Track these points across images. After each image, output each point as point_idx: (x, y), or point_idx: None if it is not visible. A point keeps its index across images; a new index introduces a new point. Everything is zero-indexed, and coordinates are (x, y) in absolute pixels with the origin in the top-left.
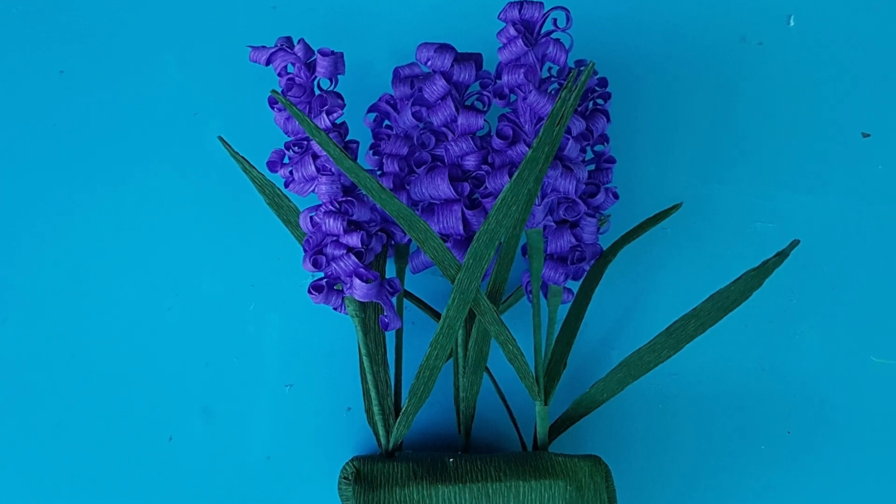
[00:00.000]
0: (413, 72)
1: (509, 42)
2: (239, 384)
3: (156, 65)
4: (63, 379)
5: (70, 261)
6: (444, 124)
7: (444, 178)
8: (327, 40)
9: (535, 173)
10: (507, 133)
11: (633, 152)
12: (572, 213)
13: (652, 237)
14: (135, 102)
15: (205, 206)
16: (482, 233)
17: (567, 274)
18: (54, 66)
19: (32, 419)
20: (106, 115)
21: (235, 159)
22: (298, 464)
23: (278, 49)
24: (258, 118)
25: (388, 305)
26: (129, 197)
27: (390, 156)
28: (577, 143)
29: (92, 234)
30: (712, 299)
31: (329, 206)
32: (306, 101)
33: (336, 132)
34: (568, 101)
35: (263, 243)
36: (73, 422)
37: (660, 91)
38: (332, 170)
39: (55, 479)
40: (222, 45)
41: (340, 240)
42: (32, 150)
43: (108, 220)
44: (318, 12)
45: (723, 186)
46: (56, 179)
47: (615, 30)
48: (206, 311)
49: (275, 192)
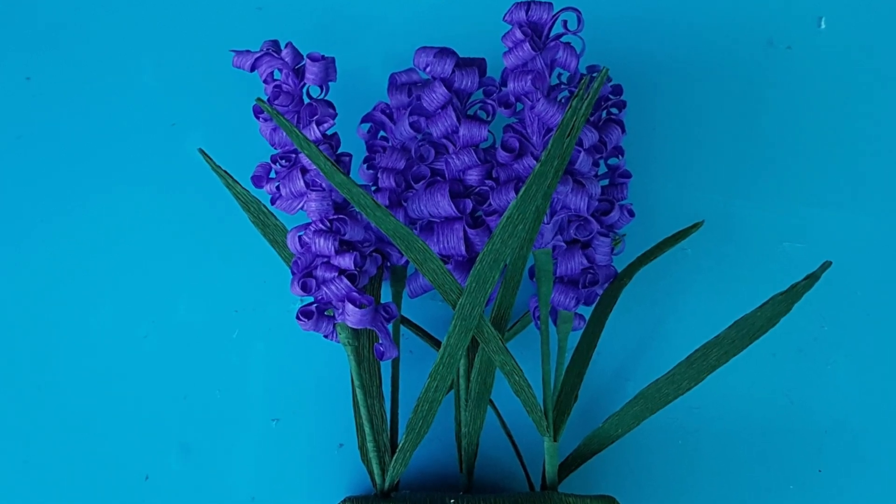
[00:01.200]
0: (411, 78)
1: (515, 46)
2: (221, 418)
3: (130, 70)
4: (28, 412)
5: (35, 284)
6: (445, 135)
7: (444, 194)
8: (317, 44)
9: (543, 189)
10: (513, 145)
11: (650, 166)
12: (584, 233)
13: (671, 258)
14: (107, 112)
15: (184, 224)
16: (486, 254)
17: (578, 298)
18: (20, 71)
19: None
20: (75, 126)
21: (217, 174)
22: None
23: (264, 54)
24: (242, 129)
25: (383, 333)
26: (101, 214)
27: (386, 170)
28: (590, 156)
29: (60, 254)
30: (736, 326)
31: (319, 224)
32: (294, 111)
33: (327, 144)
34: (579, 111)
35: (248, 265)
36: (39, 459)
37: (679, 99)
38: (322, 185)
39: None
40: (203, 50)
41: (332, 261)
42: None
43: (78, 240)
44: (307, 14)
45: (748, 203)
46: (19, 196)
47: (630, 33)
48: (184, 339)
49: (260, 209)
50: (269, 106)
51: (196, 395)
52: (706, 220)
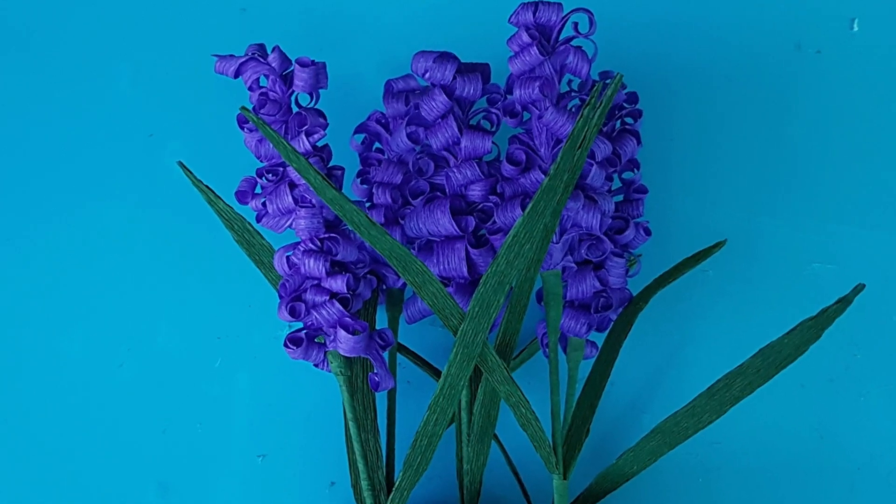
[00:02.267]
0: (408, 85)
1: (522, 50)
2: (202, 455)
3: (104, 76)
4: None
5: (3, 308)
6: (446, 147)
7: (444, 210)
8: (307, 48)
9: (552, 205)
10: (520, 158)
11: (668, 180)
12: (596, 253)
13: (690, 281)
14: (78, 121)
15: (162, 243)
16: (490, 276)
17: (590, 324)
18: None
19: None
20: (44, 137)
21: (198, 189)
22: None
23: (249, 59)
24: (225, 140)
25: (378, 361)
26: (72, 232)
27: (381, 185)
28: (603, 170)
29: (27, 276)
30: (762, 354)
31: (309, 243)
32: (282, 120)
33: (317, 157)
34: (591, 120)
35: (231, 288)
36: (9, 497)
37: (700, 108)
38: (312, 201)
39: None
40: (183, 54)
41: (322, 284)
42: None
43: (47, 260)
44: (295, 15)
45: (774, 220)
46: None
47: (647, 36)
48: (163, 369)
49: (245, 227)
50: (254, 115)
51: (175, 430)
52: (729, 239)
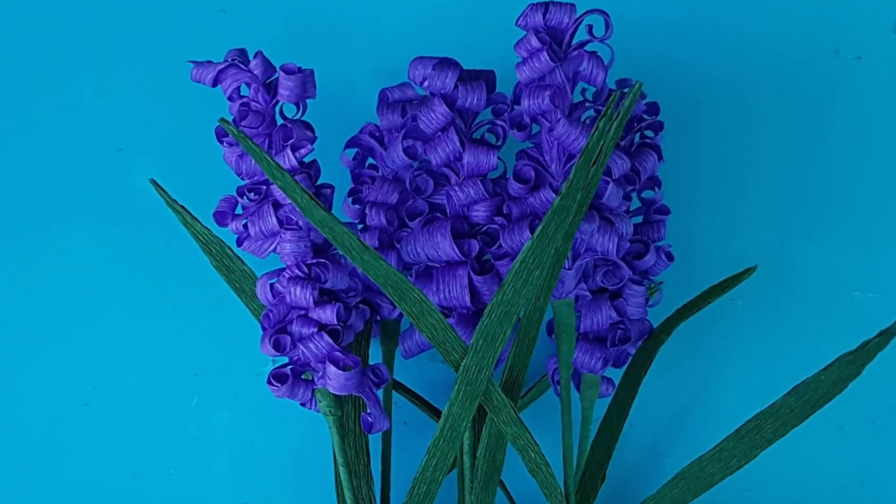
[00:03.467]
0: (405, 95)
1: (531, 56)
2: (178, 503)
3: (66, 85)
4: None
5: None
6: (446, 163)
7: (445, 233)
8: (293, 54)
9: (564, 227)
10: (528, 175)
11: (692, 200)
12: (613, 280)
13: (717, 311)
14: (41, 136)
15: (132, 269)
16: (495, 305)
17: (606, 359)
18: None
19: None
20: (6, 152)
21: (173, 209)
22: None
23: (228, 65)
24: (202, 156)
25: (372, 400)
26: (34, 256)
27: (375, 205)
28: (620, 188)
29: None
30: (796, 392)
31: (295, 270)
32: (265, 133)
33: (304, 173)
34: (608, 134)
35: (209, 319)
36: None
37: (728, 120)
38: (298, 223)
39: None
40: (155, 61)
41: (310, 314)
42: None
43: (6, 287)
44: (280, 17)
45: (810, 244)
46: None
47: (669, 40)
48: (133, 408)
49: (224, 251)
50: (234, 128)
51: (147, 476)
52: (760, 265)
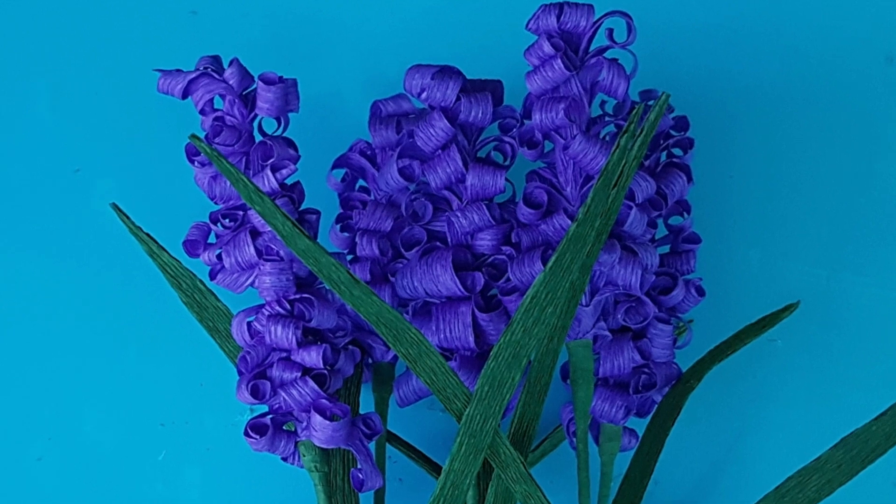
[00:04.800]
0: (400, 108)
1: (544, 63)
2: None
3: (18, 97)
4: None
5: None
6: (447, 185)
7: (446, 265)
8: (273, 61)
9: (580, 258)
10: (540, 199)
11: (726, 227)
12: (636, 318)
13: (754, 353)
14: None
15: (91, 305)
16: (503, 347)
17: (628, 408)
18: None
19: None
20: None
21: (137, 238)
22: None
23: (200, 74)
24: (170, 177)
25: (362, 454)
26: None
27: (367, 232)
28: (644, 214)
29: None
30: (844, 445)
31: (276, 306)
32: (242, 152)
33: (286, 197)
34: (630, 152)
35: (178, 362)
36: None
37: (767, 137)
38: (279, 253)
39: None
40: (116, 69)
41: (293, 357)
42: None
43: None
44: (258, 19)
45: (859, 278)
46: None
47: (701, 46)
48: (92, 463)
49: (195, 285)
50: (206, 145)
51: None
52: (802, 301)
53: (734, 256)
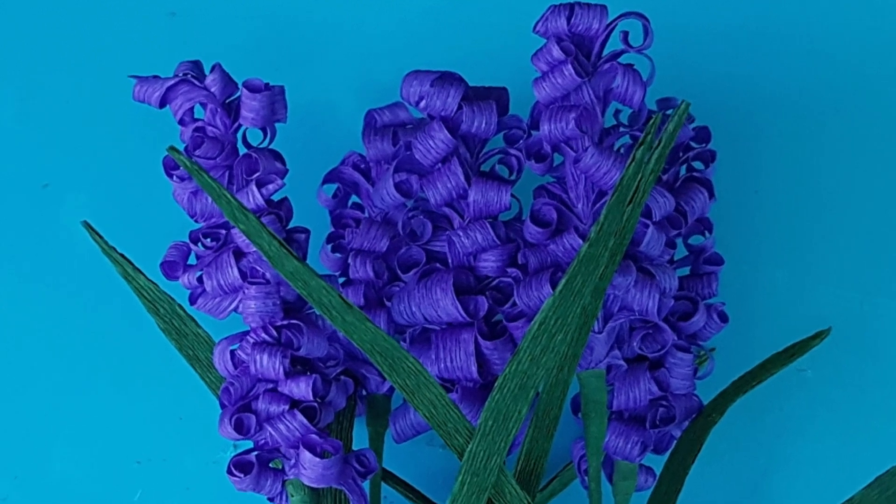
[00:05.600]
0: (397, 118)
1: (553, 69)
2: None
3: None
4: None
5: None
6: (448, 202)
7: (446, 288)
8: (258, 67)
9: (593, 281)
10: (549, 217)
11: (751, 247)
12: (654, 346)
13: (782, 384)
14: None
15: (61, 331)
16: (509, 377)
17: (645, 444)
18: None
19: None
20: None
21: (110, 258)
22: None
23: (179, 81)
24: (147, 193)
25: (356, 494)
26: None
27: (361, 253)
28: (662, 233)
29: None
30: (879, 484)
31: (262, 333)
32: (225, 165)
33: (273, 214)
34: (647, 165)
35: (155, 393)
36: None
37: (795, 149)
38: (266, 275)
39: None
40: (89, 76)
41: (280, 388)
42: None
43: None
44: (242, 22)
45: (894, 304)
46: None
47: (723, 50)
48: (63, 503)
49: (174, 310)
50: (186, 158)
51: None
52: (834, 328)
53: (760, 279)
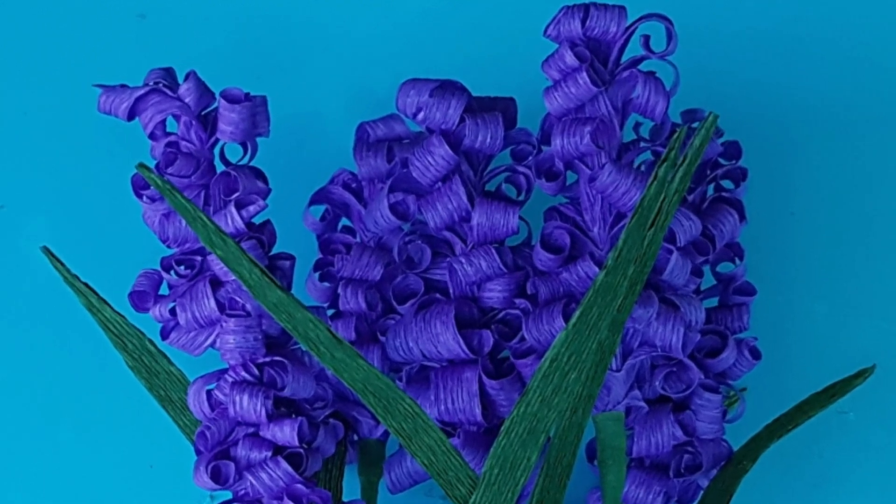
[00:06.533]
0: (392, 131)
1: (566, 77)
2: None
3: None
4: None
5: None
6: (449, 225)
7: (447, 322)
8: (237, 75)
9: (610, 314)
10: (562, 242)
11: (786, 275)
12: (678, 386)
13: (821, 427)
14: None
15: (18, 368)
16: (516, 420)
17: (668, 494)
18: None
19: None
20: None
21: (73, 287)
22: None
23: (150, 90)
24: (114, 215)
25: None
26: None
27: (352, 282)
28: (687, 260)
29: None
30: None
31: (242, 372)
32: (201, 185)
33: (254, 239)
34: (671, 185)
35: (123, 438)
36: None
37: (835, 166)
38: (246, 307)
39: None
40: (49, 85)
41: (262, 432)
42: None
43: None
44: (220, 25)
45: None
46: None
47: (755, 56)
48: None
49: (144, 346)
50: (157, 177)
51: None
52: (878, 365)
53: (796, 311)
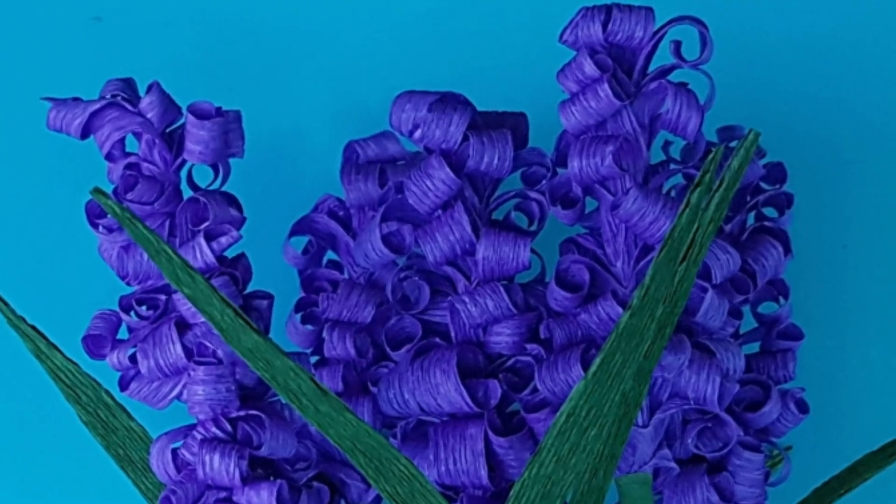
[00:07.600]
0: (385, 151)
1: (585, 89)
2: None
3: None
4: None
5: None
6: (450, 259)
7: (448, 370)
8: (207, 86)
9: (636, 361)
10: (580, 278)
11: (837, 318)
12: (714, 444)
13: (877, 492)
14: None
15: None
16: (528, 483)
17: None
18: None
19: None
20: None
21: (18, 331)
22: None
23: (107, 104)
24: (65, 247)
25: None
26: None
27: (339, 324)
28: (724, 299)
29: None
30: None
31: (212, 427)
32: (165, 213)
33: (226, 275)
34: (705, 213)
35: (81, 501)
36: None
37: (894, 191)
38: (217, 353)
39: None
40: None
41: (236, 497)
42: None
43: None
44: (187, 29)
45: None
46: None
47: (802, 67)
48: None
49: (100, 398)
50: (115, 204)
51: None
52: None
53: (849, 358)
